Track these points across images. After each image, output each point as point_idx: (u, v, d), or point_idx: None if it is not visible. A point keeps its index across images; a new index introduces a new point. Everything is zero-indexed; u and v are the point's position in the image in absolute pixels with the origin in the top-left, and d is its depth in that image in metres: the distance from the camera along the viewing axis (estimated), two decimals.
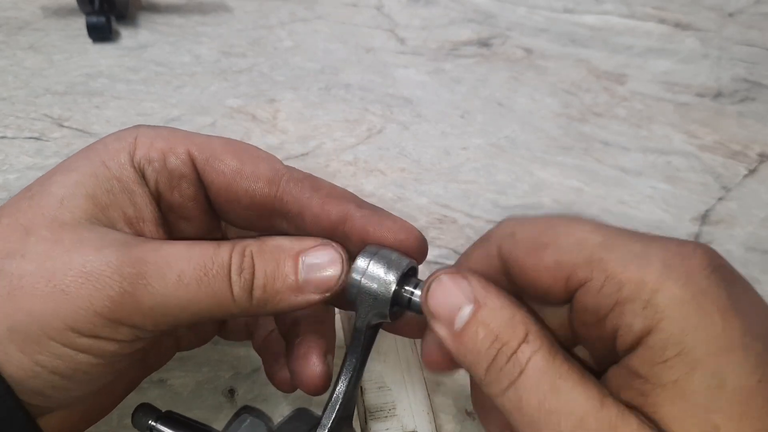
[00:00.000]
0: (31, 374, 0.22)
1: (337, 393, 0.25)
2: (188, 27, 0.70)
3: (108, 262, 0.22)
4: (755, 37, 0.73)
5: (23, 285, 0.21)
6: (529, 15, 0.76)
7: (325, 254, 0.24)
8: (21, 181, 0.49)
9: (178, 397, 0.35)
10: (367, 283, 0.24)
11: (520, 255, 0.23)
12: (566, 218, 0.23)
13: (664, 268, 0.20)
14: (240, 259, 0.23)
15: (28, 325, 0.21)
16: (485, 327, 0.21)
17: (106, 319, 0.22)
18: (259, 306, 0.24)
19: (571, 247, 0.21)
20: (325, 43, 0.69)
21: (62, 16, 0.69)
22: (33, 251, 0.22)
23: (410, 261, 0.25)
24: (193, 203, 0.26)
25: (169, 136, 0.26)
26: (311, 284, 0.24)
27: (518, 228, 0.23)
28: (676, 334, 0.19)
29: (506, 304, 0.22)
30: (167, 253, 0.23)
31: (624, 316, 0.20)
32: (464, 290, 0.22)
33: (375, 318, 0.24)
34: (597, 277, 0.21)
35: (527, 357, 0.20)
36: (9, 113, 0.56)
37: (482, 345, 0.21)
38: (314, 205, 0.25)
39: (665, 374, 0.19)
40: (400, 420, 0.34)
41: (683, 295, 0.19)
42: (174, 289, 0.22)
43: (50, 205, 0.23)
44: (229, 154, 0.26)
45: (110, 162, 0.24)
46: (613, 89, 0.64)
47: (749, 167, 0.56)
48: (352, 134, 0.56)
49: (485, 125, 0.59)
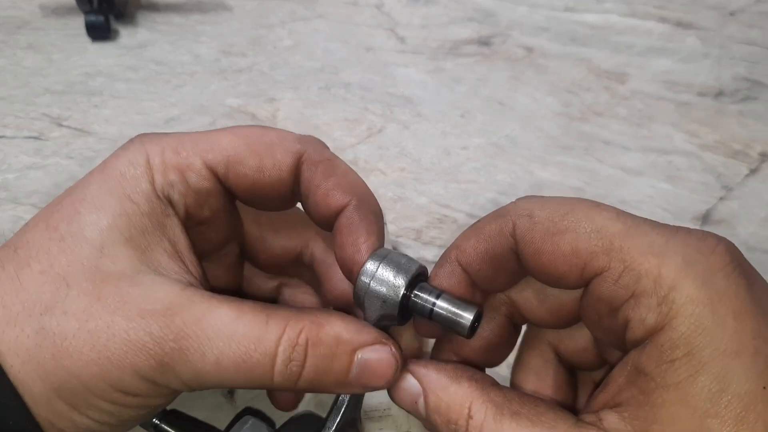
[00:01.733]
0: (82, 427, 0.22)
1: (342, 397, 0.25)
2: (188, 26, 0.70)
3: (150, 333, 0.21)
4: (756, 36, 0.73)
5: (67, 347, 0.21)
6: (530, 14, 0.76)
7: (381, 355, 0.23)
8: (20, 180, 0.49)
9: (178, 397, 0.35)
10: (375, 287, 0.24)
11: (537, 238, 0.22)
12: (586, 203, 0.22)
13: (683, 264, 0.19)
14: (290, 350, 0.22)
15: (75, 386, 0.21)
16: (438, 413, 0.23)
17: (149, 382, 0.22)
18: (300, 390, 0.24)
19: (590, 235, 0.21)
20: (325, 42, 0.69)
21: (61, 15, 0.69)
22: (75, 307, 0.22)
23: (420, 265, 0.25)
24: (222, 213, 0.26)
25: (179, 148, 0.25)
26: (359, 381, 0.23)
27: (536, 209, 0.23)
28: (687, 334, 0.19)
29: (446, 384, 0.23)
30: (210, 328, 0.22)
31: (638, 309, 0.20)
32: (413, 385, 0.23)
33: (383, 321, 0.24)
34: (615, 266, 0.20)
35: (478, 430, 0.21)
36: (8, 112, 0.56)
37: (442, 428, 0.23)
38: (319, 194, 0.25)
39: (670, 375, 0.19)
40: (395, 420, 0.34)
41: (700, 295, 0.19)
42: (212, 369, 0.22)
43: (89, 253, 0.22)
44: (245, 152, 0.25)
45: (135, 196, 0.24)
46: (613, 88, 0.64)
47: (750, 167, 0.56)
48: (352, 134, 0.56)
49: (485, 124, 0.59)
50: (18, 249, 0.23)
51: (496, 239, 0.23)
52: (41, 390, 0.21)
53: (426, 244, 0.46)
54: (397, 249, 0.25)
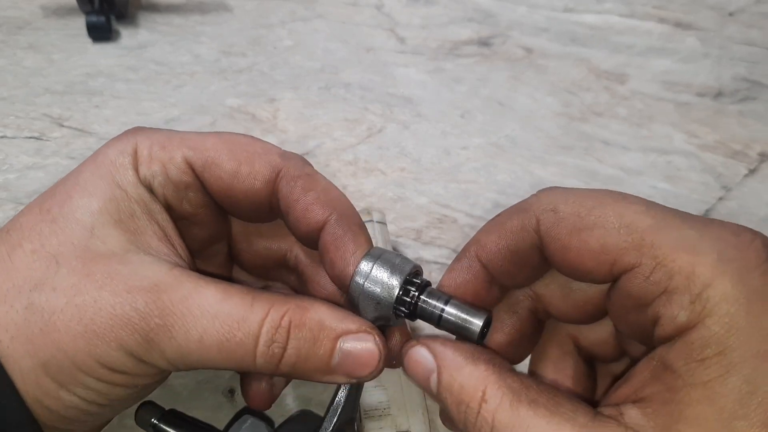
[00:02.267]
0: (69, 404, 0.22)
1: (340, 396, 0.25)
2: (188, 26, 0.70)
3: (136, 309, 0.22)
4: (756, 36, 0.73)
5: (55, 321, 0.21)
6: (530, 14, 0.76)
7: (364, 345, 0.23)
8: (21, 180, 0.49)
9: (178, 396, 0.35)
10: (370, 287, 0.23)
11: (563, 234, 0.21)
12: (614, 195, 0.21)
13: (718, 261, 0.19)
14: (272, 331, 0.22)
15: (61, 361, 0.22)
16: (449, 392, 0.22)
17: (135, 359, 0.22)
18: (282, 375, 0.24)
19: (619, 230, 0.20)
20: (325, 42, 0.69)
21: (62, 15, 0.69)
22: (63, 284, 0.22)
23: (414, 265, 0.25)
24: (203, 209, 0.26)
25: (166, 143, 0.25)
26: (342, 369, 0.23)
27: (561, 203, 0.22)
28: (720, 333, 0.18)
29: (462, 365, 0.22)
30: (195, 306, 0.22)
31: (670, 307, 0.19)
32: (428, 360, 0.22)
33: (378, 321, 0.24)
34: (646, 263, 0.20)
35: (491, 415, 0.20)
36: (9, 113, 0.56)
37: (452, 408, 0.22)
38: (298, 209, 0.25)
39: (699, 373, 0.18)
40: (394, 419, 0.34)
41: (735, 293, 0.18)
42: (195, 347, 0.22)
43: (80, 234, 0.23)
44: (225, 155, 0.25)
45: (123, 182, 0.24)
46: (613, 89, 0.64)
47: (750, 167, 0.56)
48: (352, 134, 0.56)
49: (485, 125, 0.59)
50: (11, 231, 0.23)
51: (519, 235, 0.23)
52: (29, 365, 0.21)
53: (426, 243, 0.46)
54: (396, 249, 0.25)
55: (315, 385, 0.36)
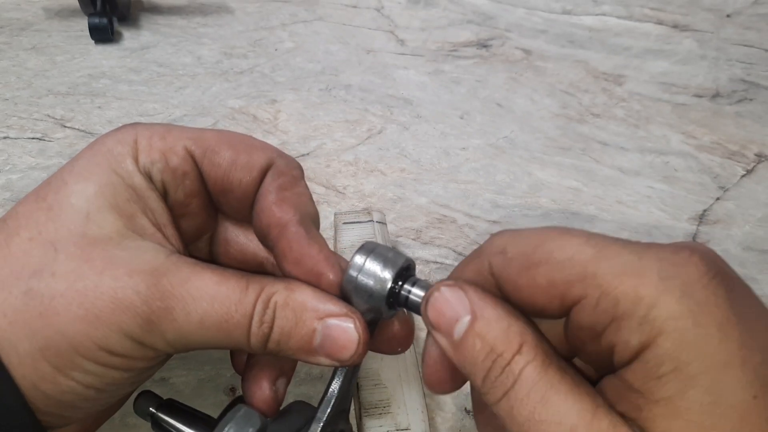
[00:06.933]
0: (66, 389, 0.22)
1: (333, 388, 0.25)
2: (190, 28, 0.71)
3: (138, 292, 0.22)
4: (753, 37, 0.74)
5: (55, 305, 0.22)
6: (528, 16, 0.76)
7: (344, 329, 0.24)
8: (24, 181, 0.49)
9: (179, 395, 0.35)
10: (363, 280, 0.24)
11: (512, 274, 0.22)
12: (557, 231, 0.22)
13: (660, 281, 0.19)
14: (263, 310, 0.23)
15: (60, 345, 0.22)
16: (481, 338, 0.21)
17: (135, 342, 0.22)
18: (273, 354, 0.24)
19: (563, 264, 0.21)
20: (325, 44, 0.70)
21: (64, 17, 0.70)
22: (63, 269, 0.22)
23: (407, 258, 0.25)
24: (195, 200, 0.27)
25: (166, 134, 0.26)
26: (323, 351, 0.24)
27: (509, 244, 0.22)
28: (672, 349, 0.18)
29: (502, 315, 0.21)
30: (195, 288, 0.23)
31: (620, 333, 0.19)
32: (462, 302, 0.22)
33: (371, 314, 0.25)
34: (591, 294, 0.20)
35: (520, 368, 0.20)
36: (12, 114, 0.56)
37: (479, 356, 0.21)
38: (270, 199, 0.25)
39: (659, 390, 0.18)
40: (395, 417, 0.34)
41: (680, 309, 0.18)
42: (196, 328, 0.23)
43: (76, 219, 0.23)
44: (224, 145, 0.26)
45: (120, 169, 0.25)
46: (611, 90, 0.65)
47: (747, 167, 0.56)
48: (352, 135, 0.57)
49: (484, 126, 0.59)
50: (8, 220, 0.24)
51: (477, 280, 0.23)
52: (27, 349, 0.22)
53: (425, 244, 0.47)
54: (396, 249, 0.25)
55: (315, 384, 0.36)
